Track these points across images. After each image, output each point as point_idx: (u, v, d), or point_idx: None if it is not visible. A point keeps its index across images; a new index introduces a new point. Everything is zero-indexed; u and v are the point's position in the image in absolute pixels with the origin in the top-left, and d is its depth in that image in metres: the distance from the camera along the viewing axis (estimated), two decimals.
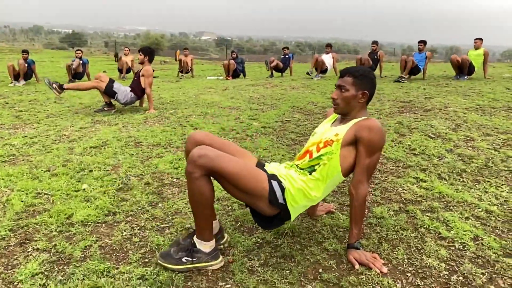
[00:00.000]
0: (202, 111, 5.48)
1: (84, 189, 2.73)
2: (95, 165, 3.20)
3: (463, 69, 8.68)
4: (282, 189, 1.81)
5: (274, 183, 1.81)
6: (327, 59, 10.41)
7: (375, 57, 10.00)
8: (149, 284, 1.70)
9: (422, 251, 1.93)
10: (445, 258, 1.87)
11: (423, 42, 9.22)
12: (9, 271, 1.81)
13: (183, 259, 1.80)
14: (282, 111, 5.39)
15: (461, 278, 1.72)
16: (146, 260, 1.90)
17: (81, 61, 10.95)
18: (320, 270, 1.80)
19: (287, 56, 11.89)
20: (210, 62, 22.48)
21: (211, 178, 1.76)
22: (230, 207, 2.48)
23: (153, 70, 5.78)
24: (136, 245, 2.04)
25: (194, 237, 1.87)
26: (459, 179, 2.85)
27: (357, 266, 1.79)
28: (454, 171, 3.00)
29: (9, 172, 3.01)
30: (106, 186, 2.79)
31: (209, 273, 1.80)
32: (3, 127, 4.63)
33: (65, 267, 1.84)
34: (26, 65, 9.75)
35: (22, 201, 2.51)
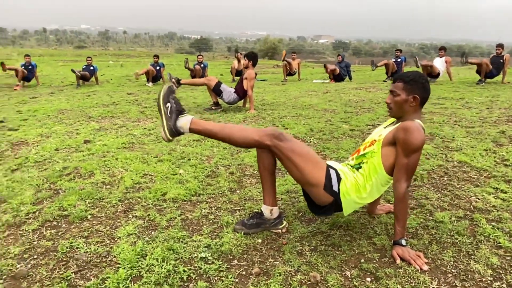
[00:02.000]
0: (297, 112, 5.76)
1: (180, 174, 3.23)
2: (193, 155, 3.71)
3: None
4: (339, 179, 2.01)
5: (332, 172, 2.02)
6: (439, 63, 9.77)
7: (501, 61, 9.05)
8: (212, 252, 2.04)
9: (472, 256, 1.92)
10: (495, 266, 1.83)
11: None
12: (113, 230, 2.32)
13: (254, 225, 2.21)
14: (377, 115, 5.37)
15: (504, 285, 1.69)
16: (215, 234, 2.25)
17: (202, 65, 12.16)
18: (362, 260, 1.93)
19: (399, 60, 11.47)
20: (321, 66, 22.60)
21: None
22: (296, 199, 2.71)
23: (256, 74, 6.25)
24: (210, 221, 2.41)
25: (262, 206, 2.24)
26: None
27: (398, 261, 1.88)
28: None
29: (127, 156, 3.69)
30: (198, 172, 3.25)
31: (263, 250, 2.07)
32: (130, 120, 5.54)
33: (152, 232, 2.29)
34: (157, 68, 11.25)
35: (132, 179, 3.09)
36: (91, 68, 11.12)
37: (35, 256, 2.05)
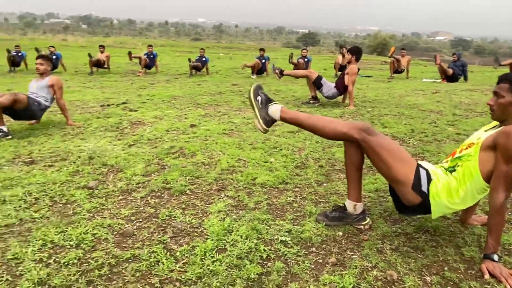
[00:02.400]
0: (399, 111, 5.51)
1: (271, 162, 3.37)
2: (286, 145, 3.83)
3: None
4: (429, 180, 1.94)
5: (422, 171, 1.96)
6: None
7: None
8: (292, 237, 2.14)
9: None
10: None
11: None
12: (206, 205, 2.56)
13: (336, 218, 2.26)
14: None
15: None
16: (297, 221, 2.34)
17: (305, 59, 12.24)
18: (445, 268, 1.85)
19: None
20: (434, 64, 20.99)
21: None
22: (384, 199, 2.66)
23: (358, 69, 6.12)
24: (294, 209, 2.51)
25: (346, 200, 2.26)
26: None
27: (486, 276, 1.76)
28: None
29: (225, 141, 3.96)
30: (288, 162, 3.36)
31: (342, 242, 2.10)
32: (232, 108, 5.88)
33: (239, 211, 2.46)
34: (263, 61, 11.64)
35: (227, 162, 3.33)
36: (203, 59, 11.94)
37: (140, 220, 2.37)
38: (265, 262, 1.93)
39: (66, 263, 1.90)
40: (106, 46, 14.05)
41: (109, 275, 1.83)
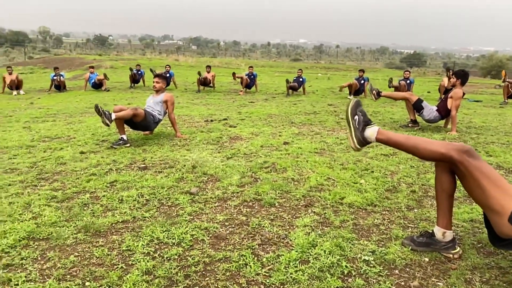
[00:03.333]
0: (509, 140, 5.06)
1: (361, 183, 3.39)
2: (378, 168, 3.81)
3: None
4: None
5: None
6: None
7: None
8: (375, 257, 2.17)
9: None
10: None
11: None
12: (293, 219, 2.69)
13: (423, 243, 2.23)
14: None
15: None
16: (382, 243, 2.35)
17: (408, 81, 11.80)
18: None
19: None
20: None
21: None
22: (479, 230, 2.52)
23: (464, 94, 5.77)
24: (380, 231, 2.52)
25: (435, 227, 2.23)
26: None
27: None
28: None
29: (316, 159, 4.07)
30: (378, 184, 3.34)
31: (428, 268, 2.07)
32: (325, 128, 5.97)
33: (324, 228, 2.55)
34: (362, 82, 11.53)
35: (316, 180, 3.44)
36: (301, 79, 12.22)
37: (233, 226, 2.60)
38: (346, 278, 1.99)
39: (168, 258, 2.19)
40: (212, 66, 15.19)
41: (203, 272, 2.06)
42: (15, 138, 5.18)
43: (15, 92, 11.70)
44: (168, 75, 12.87)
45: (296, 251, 2.23)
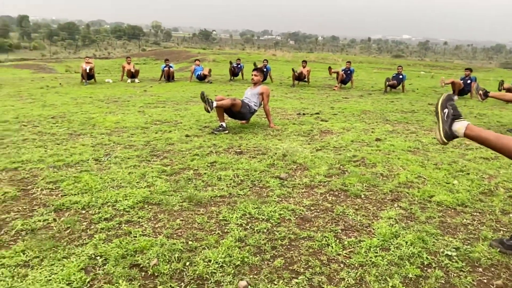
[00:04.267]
0: None
1: (453, 184, 3.31)
2: (475, 171, 3.65)
3: None
4: None
5: None
6: None
7: None
8: (458, 254, 2.18)
9: None
10: None
11: None
12: (378, 210, 2.78)
13: None
14: None
15: None
16: (468, 242, 2.33)
17: None
18: None
19: None
20: None
21: None
22: None
23: None
24: (468, 231, 2.48)
25: None
26: None
27: None
28: None
29: (408, 158, 4.02)
30: (473, 187, 3.23)
31: None
32: (422, 128, 5.77)
33: (409, 222, 2.60)
34: (469, 81, 10.74)
35: (406, 177, 3.43)
36: (400, 76, 11.75)
37: (318, 211, 2.77)
38: (425, 268, 2.05)
39: (258, 230, 2.44)
40: (308, 61, 15.32)
41: (288, 246, 2.28)
42: (132, 120, 5.94)
43: (129, 80, 13.14)
44: (265, 69, 13.33)
45: (378, 239, 2.33)
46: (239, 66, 14.53)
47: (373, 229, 2.48)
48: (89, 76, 12.60)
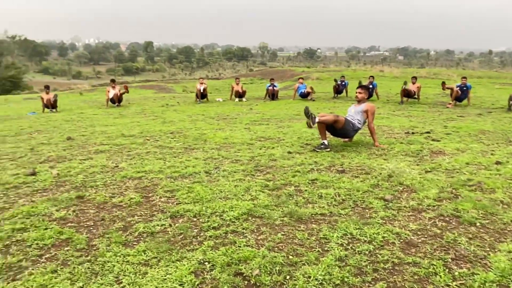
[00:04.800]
0: None
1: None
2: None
3: None
4: None
5: None
6: None
7: None
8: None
9: None
10: None
11: None
12: (496, 242, 2.51)
13: None
14: None
15: None
16: None
17: None
18: None
19: None
20: None
21: None
22: None
23: None
24: None
25: None
26: None
27: None
28: None
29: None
30: None
31: None
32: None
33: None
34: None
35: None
36: None
37: (425, 236, 2.61)
38: None
39: (359, 251, 2.40)
40: (418, 77, 14.48)
41: (391, 270, 2.20)
42: (239, 136, 6.28)
43: (237, 99, 13.89)
44: (371, 86, 12.96)
45: (495, 274, 2.12)
46: (343, 83, 14.38)
47: (489, 262, 2.25)
48: (202, 95, 13.73)
